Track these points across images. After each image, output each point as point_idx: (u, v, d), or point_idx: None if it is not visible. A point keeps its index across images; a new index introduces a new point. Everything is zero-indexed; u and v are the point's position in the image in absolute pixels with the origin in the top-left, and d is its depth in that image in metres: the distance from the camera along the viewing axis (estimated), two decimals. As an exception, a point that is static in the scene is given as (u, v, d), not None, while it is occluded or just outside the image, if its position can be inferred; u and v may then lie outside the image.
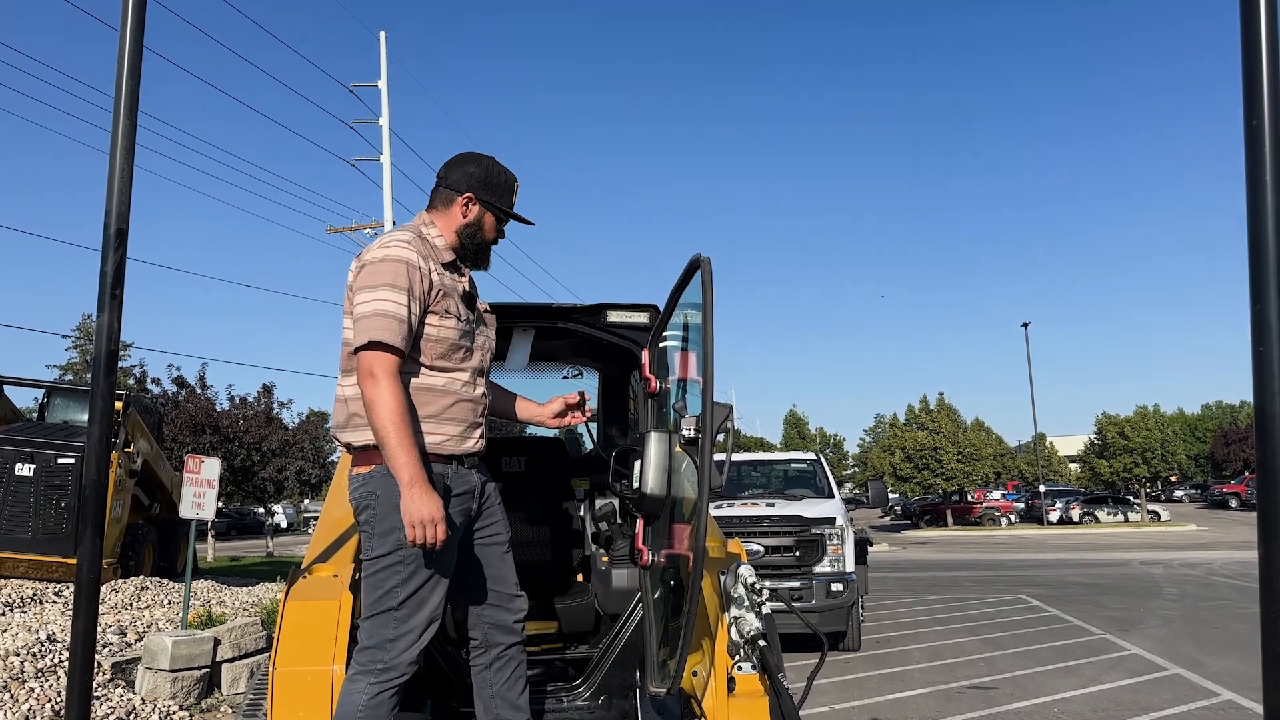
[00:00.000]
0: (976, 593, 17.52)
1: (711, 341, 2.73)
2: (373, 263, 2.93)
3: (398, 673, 2.87)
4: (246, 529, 50.65)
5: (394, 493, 2.81)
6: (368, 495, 2.93)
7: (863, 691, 8.64)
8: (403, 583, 2.88)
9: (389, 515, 2.85)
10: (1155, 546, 31.24)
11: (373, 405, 2.80)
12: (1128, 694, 8.39)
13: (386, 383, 2.81)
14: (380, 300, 2.86)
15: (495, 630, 3.18)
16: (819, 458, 13.59)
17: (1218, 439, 68.79)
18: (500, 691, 3.17)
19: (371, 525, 2.93)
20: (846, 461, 72.81)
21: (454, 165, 3.17)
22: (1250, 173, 1.60)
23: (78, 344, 47.98)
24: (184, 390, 27.87)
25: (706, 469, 2.65)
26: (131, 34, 2.87)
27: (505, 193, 3.18)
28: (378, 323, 2.84)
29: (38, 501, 12.53)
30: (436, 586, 2.94)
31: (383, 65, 25.43)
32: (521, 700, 3.20)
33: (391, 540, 2.87)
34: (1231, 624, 12.74)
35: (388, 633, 2.88)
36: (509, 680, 3.18)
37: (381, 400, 2.79)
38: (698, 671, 3.47)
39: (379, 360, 2.83)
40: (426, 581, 2.90)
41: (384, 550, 2.89)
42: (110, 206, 2.85)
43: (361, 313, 2.87)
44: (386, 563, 2.89)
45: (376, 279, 2.89)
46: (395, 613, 2.88)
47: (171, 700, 7.49)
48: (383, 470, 2.87)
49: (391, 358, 2.85)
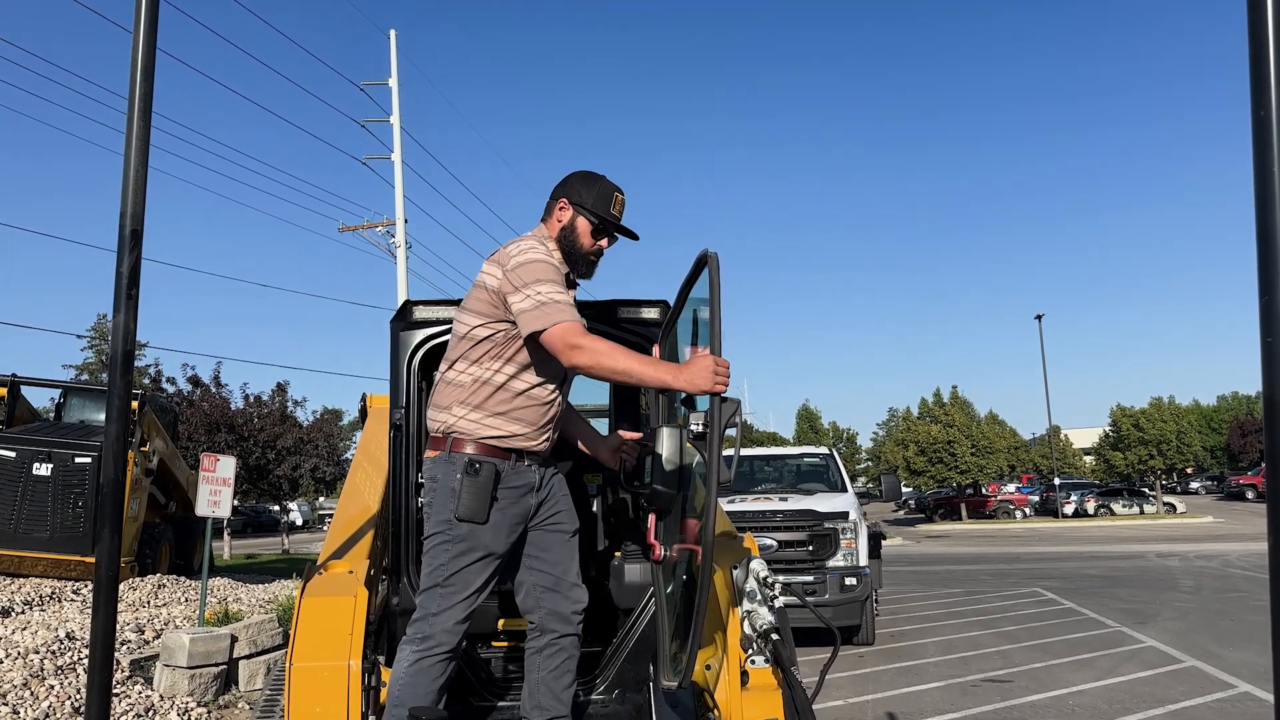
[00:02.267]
0: (991, 586, 17.48)
1: (719, 336, 2.75)
2: (524, 264, 3.08)
3: (435, 642, 3.05)
4: (262, 527, 50.90)
5: (450, 477, 3.07)
6: (429, 478, 3.18)
7: (877, 685, 8.63)
8: (449, 560, 3.08)
9: (444, 497, 3.09)
10: (1171, 539, 31.09)
11: (599, 361, 2.90)
12: (1144, 686, 8.37)
13: (589, 340, 2.94)
14: (544, 291, 3.01)
15: (551, 617, 3.28)
16: (832, 452, 13.56)
17: (1234, 430, 68.37)
18: (546, 679, 3.25)
19: (429, 506, 3.16)
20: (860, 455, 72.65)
21: (565, 181, 3.32)
22: (1258, 164, 1.59)
23: (93, 344, 48.23)
24: (199, 389, 28.01)
25: (715, 464, 2.66)
26: (145, 36, 2.88)
27: (601, 200, 3.25)
28: (552, 309, 2.98)
29: (55, 501, 12.63)
30: (483, 569, 3.11)
31: (393, 64, 25.45)
32: (565, 694, 3.27)
33: (442, 520, 3.09)
34: (1248, 616, 12.68)
35: (432, 606, 3.09)
36: (557, 670, 3.26)
37: (599, 350, 2.91)
38: (711, 665, 3.49)
39: (568, 331, 2.95)
40: (473, 563, 3.09)
41: (435, 529, 3.12)
42: (125, 208, 2.86)
43: (529, 305, 3.01)
44: (437, 541, 3.11)
45: (534, 275, 3.05)
46: (441, 588, 3.08)
47: (189, 697, 7.55)
48: (443, 457, 3.13)
49: (576, 324, 2.98)
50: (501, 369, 3.16)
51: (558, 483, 3.40)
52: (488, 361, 3.16)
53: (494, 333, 3.14)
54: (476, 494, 3.05)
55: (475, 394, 3.16)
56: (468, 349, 3.19)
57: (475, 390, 3.16)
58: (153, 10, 2.91)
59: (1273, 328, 1.58)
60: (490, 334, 3.15)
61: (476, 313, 3.18)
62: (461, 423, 3.15)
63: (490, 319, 3.14)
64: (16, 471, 12.61)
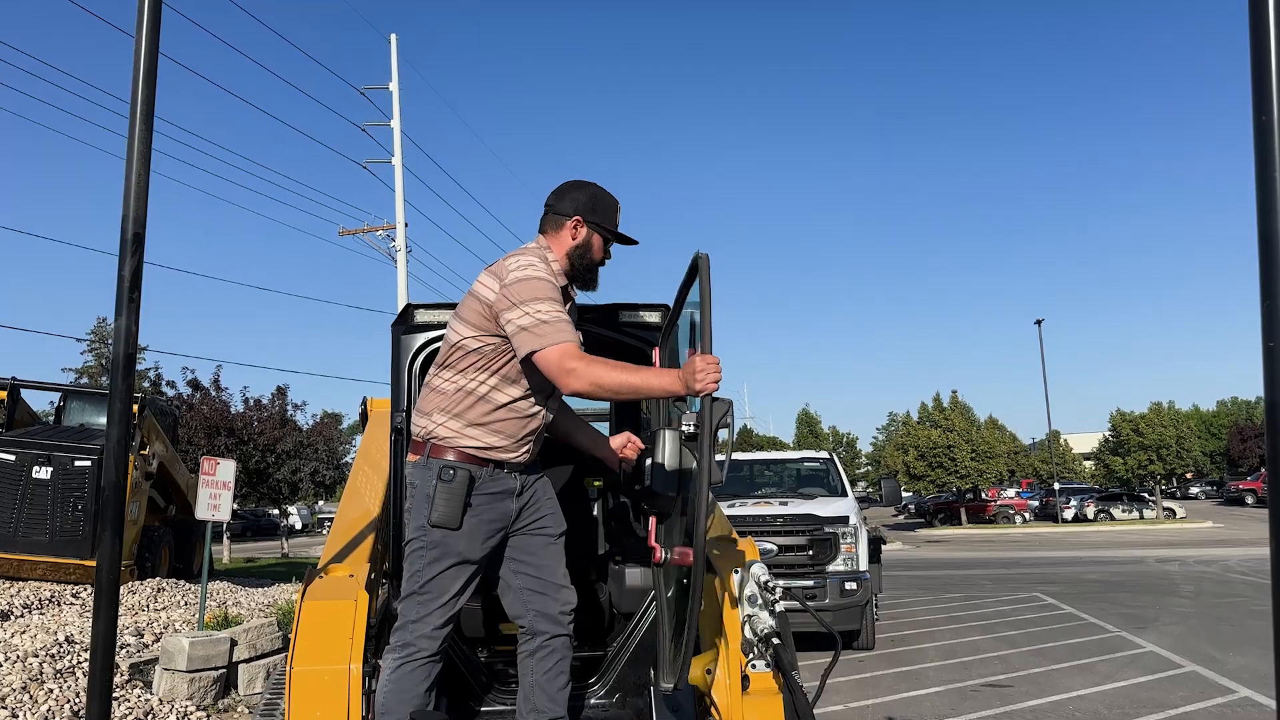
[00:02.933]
0: (991, 591, 17.46)
1: (710, 336, 2.77)
2: (523, 280, 3.08)
3: (416, 648, 3.08)
4: (261, 531, 50.84)
5: (426, 483, 3.11)
6: (409, 483, 3.23)
7: (877, 690, 8.63)
8: (424, 567, 3.11)
9: (420, 503, 3.12)
10: (1171, 544, 31.06)
11: (598, 385, 2.93)
12: (1144, 691, 8.36)
13: (583, 363, 2.95)
14: (543, 310, 3.02)
15: (540, 619, 3.28)
16: (832, 456, 13.55)
17: (1233, 435, 68.37)
18: (540, 681, 3.25)
19: (408, 511, 3.22)
20: (860, 460, 72.71)
21: (563, 193, 3.34)
22: (1260, 169, 1.60)
23: (93, 347, 48.16)
24: (199, 393, 27.98)
25: (706, 464, 2.68)
26: (147, 41, 2.89)
27: (609, 214, 3.35)
28: (548, 330, 2.99)
29: (55, 504, 12.61)
30: (457, 575, 3.12)
31: (394, 68, 25.49)
32: (560, 695, 3.27)
33: (417, 526, 3.13)
34: (1248, 621, 12.67)
35: (411, 614, 3.11)
36: (550, 671, 3.26)
37: (595, 373, 2.93)
38: (712, 670, 3.48)
39: (564, 354, 2.96)
40: (447, 569, 3.10)
41: (412, 535, 3.16)
42: (127, 211, 2.87)
43: (527, 323, 3.01)
44: (413, 547, 3.15)
45: (532, 292, 3.05)
46: (418, 595, 3.11)
47: (189, 701, 7.54)
48: (420, 462, 3.17)
49: (570, 345, 2.99)
50: (486, 380, 3.17)
51: (542, 486, 3.40)
52: (473, 372, 3.17)
53: (483, 345, 3.16)
54: (449, 500, 3.08)
55: (457, 403, 3.18)
56: (456, 357, 3.20)
57: (457, 399, 3.18)
58: (155, 14, 2.92)
59: (1274, 333, 1.58)
60: (479, 346, 3.16)
61: (469, 323, 3.18)
62: (440, 429, 3.17)
63: (482, 331, 3.15)
64: (16, 475, 12.59)
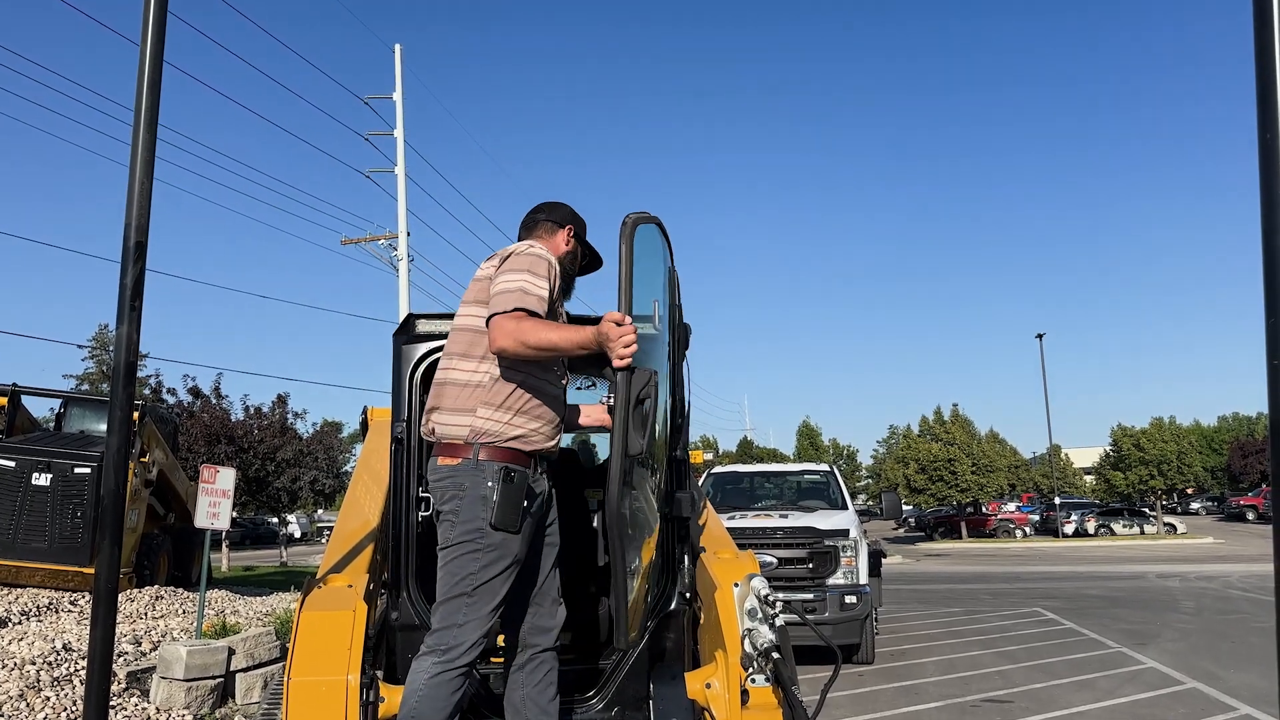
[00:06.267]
0: (991, 605, 17.41)
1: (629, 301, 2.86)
2: (522, 253, 3.18)
3: (460, 653, 3.02)
4: (260, 539, 50.76)
5: (480, 485, 3.05)
6: (455, 486, 3.11)
7: (876, 705, 8.59)
8: (479, 569, 3.05)
9: (474, 505, 3.06)
10: (1171, 559, 31.00)
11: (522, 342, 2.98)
12: (1144, 708, 8.32)
13: (513, 320, 3.00)
14: (526, 280, 3.08)
15: (533, 632, 3.29)
16: (832, 469, 13.51)
17: (1234, 451, 68.16)
18: (531, 694, 3.25)
19: (456, 514, 3.10)
20: (860, 473, 72.59)
21: (553, 207, 3.54)
22: (1265, 188, 1.60)
23: (94, 354, 48.19)
24: (199, 400, 28.03)
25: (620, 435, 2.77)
26: (152, 49, 2.89)
27: (584, 229, 3.58)
28: (521, 297, 3.05)
29: (54, 511, 12.60)
30: (507, 579, 3.10)
31: (398, 78, 25.57)
32: (551, 706, 3.27)
33: (473, 528, 3.06)
34: (1249, 638, 12.62)
35: (458, 617, 3.05)
36: (540, 684, 3.26)
37: (524, 328, 2.98)
38: (712, 684, 3.47)
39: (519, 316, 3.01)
40: (500, 572, 3.07)
41: (465, 537, 3.07)
42: (130, 219, 2.86)
43: (505, 288, 3.07)
44: (466, 549, 3.06)
45: (522, 264, 3.13)
46: (468, 598, 3.05)
47: (186, 710, 7.51)
48: (469, 464, 3.09)
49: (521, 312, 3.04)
50: (513, 363, 3.16)
51: (552, 495, 3.45)
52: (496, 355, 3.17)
53: None
54: (512, 502, 3.05)
55: (496, 392, 3.15)
56: (470, 342, 3.19)
57: (495, 389, 3.15)
58: (160, 23, 2.92)
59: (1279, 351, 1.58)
60: None
61: (481, 303, 3.19)
62: (489, 425, 3.12)
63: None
64: (16, 481, 12.58)
